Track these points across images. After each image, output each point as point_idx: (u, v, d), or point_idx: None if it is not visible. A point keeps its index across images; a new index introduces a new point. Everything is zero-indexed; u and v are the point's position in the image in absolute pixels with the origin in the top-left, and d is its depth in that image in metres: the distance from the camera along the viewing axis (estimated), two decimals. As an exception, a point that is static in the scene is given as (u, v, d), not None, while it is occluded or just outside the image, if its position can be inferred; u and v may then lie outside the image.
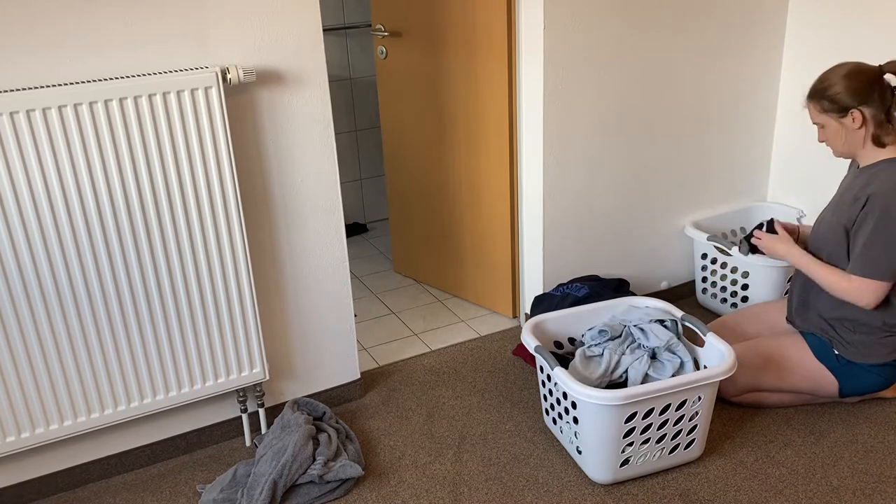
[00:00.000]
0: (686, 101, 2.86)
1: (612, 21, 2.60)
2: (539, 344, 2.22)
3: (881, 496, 2.06)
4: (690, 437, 2.15)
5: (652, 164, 2.89)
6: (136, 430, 2.27)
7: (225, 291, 2.14)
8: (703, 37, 2.79)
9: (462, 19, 2.76)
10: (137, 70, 1.94)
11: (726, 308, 2.95)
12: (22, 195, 1.84)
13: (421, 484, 2.18)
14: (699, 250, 3.03)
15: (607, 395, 1.99)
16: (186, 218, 2.03)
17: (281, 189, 2.23)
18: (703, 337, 2.22)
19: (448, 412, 2.49)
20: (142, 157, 1.93)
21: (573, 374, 2.14)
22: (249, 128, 2.13)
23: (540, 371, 2.30)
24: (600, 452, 2.08)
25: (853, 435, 2.29)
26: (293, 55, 2.12)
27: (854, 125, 2.12)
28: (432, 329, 3.02)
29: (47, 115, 1.81)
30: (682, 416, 2.09)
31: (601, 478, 2.13)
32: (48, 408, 2.04)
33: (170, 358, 2.14)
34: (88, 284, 1.97)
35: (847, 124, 2.13)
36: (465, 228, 3.09)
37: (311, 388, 2.50)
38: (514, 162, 2.80)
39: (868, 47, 2.67)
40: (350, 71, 3.79)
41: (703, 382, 2.05)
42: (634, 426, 2.04)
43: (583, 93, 2.64)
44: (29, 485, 2.17)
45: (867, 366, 2.27)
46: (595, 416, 2.03)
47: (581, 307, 2.43)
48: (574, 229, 2.82)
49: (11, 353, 1.95)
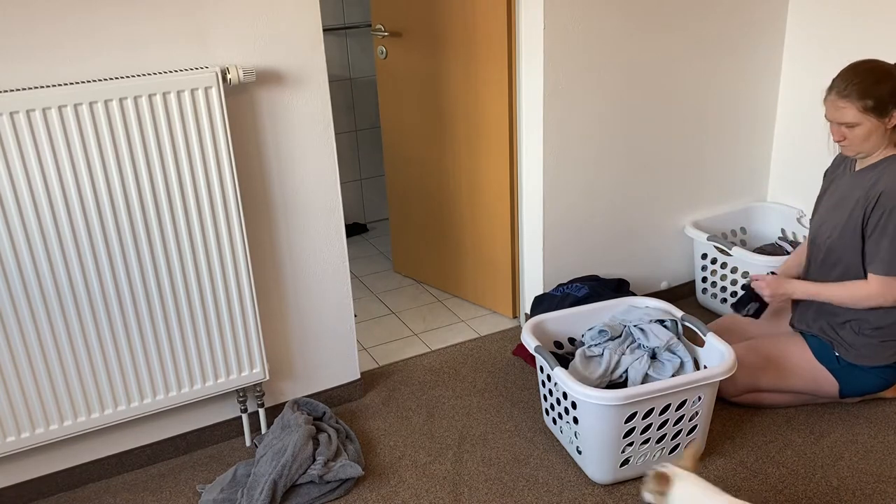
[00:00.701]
0: (686, 101, 2.86)
1: (613, 21, 2.60)
2: (539, 344, 2.22)
3: (881, 496, 2.06)
4: (691, 438, 2.15)
5: (652, 164, 2.89)
6: (136, 430, 2.27)
7: (225, 291, 2.14)
8: (703, 37, 2.79)
9: (462, 19, 2.76)
10: (137, 70, 1.94)
11: (726, 308, 2.95)
12: (22, 195, 1.84)
13: (421, 484, 2.18)
14: (699, 250, 3.03)
15: (607, 395, 1.99)
16: (186, 218, 2.03)
17: (281, 189, 2.23)
18: (703, 337, 2.22)
19: (448, 412, 2.49)
20: (142, 158, 1.94)
21: (573, 374, 2.14)
22: (249, 128, 2.13)
23: (540, 371, 2.30)
24: (600, 452, 2.08)
25: (853, 435, 2.29)
26: (293, 55, 2.12)
27: (889, 125, 2.11)
28: (432, 329, 3.02)
29: (47, 115, 1.81)
30: (682, 416, 2.09)
31: (601, 478, 2.13)
32: (48, 408, 2.04)
33: (170, 358, 2.14)
34: (88, 284, 1.97)
35: (885, 124, 2.10)
36: (465, 228, 3.08)
37: (311, 388, 2.50)
38: (514, 162, 2.80)
39: (868, 47, 2.66)
40: (350, 71, 3.79)
41: (703, 382, 2.05)
42: (634, 426, 2.04)
43: (583, 93, 2.64)
44: (29, 485, 2.17)
45: (868, 367, 2.27)
46: (595, 416, 2.03)
47: (581, 307, 2.43)
48: (574, 229, 2.82)
49: (11, 353, 1.95)
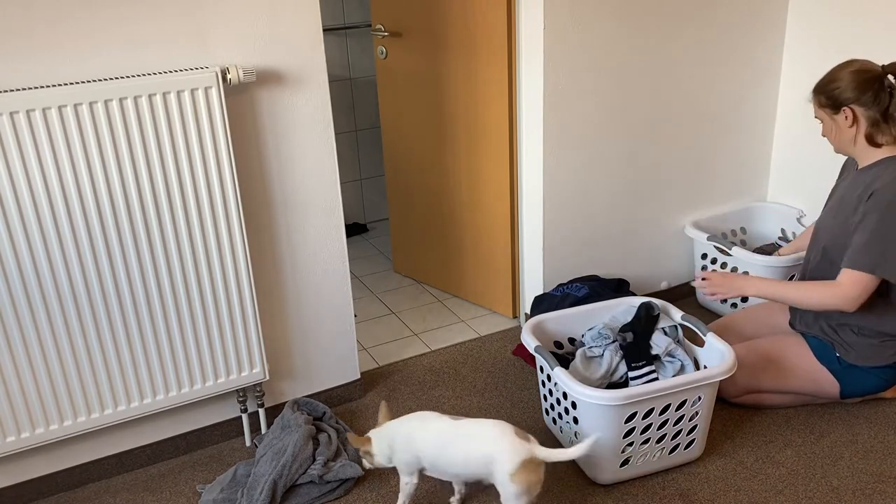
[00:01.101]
0: (686, 101, 2.86)
1: (613, 21, 2.60)
2: (539, 344, 2.22)
3: (881, 496, 2.06)
4: (690, 438, 2.15)
5: (652, 164, 2.89)
6: (136, 430, 2.26)
7: (225, 291, 2.14)
8: (703, 37, 2.79)
9: (462, 19, 2.76)
10: (137, 70, 1.94)
11: (726, 308, 2.95)
12: (22, 195, 1.84)
13: (421, 484, 2.17)
14: (699, 250, 3.03)
15: (608, 396, 1.99)
16: (186, 218, 2.03)
17: (281, 189, 2.23)
18: (703, 337, 2.22)
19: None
20: (142, 158, 1.93)
21: (573, 375, 2.13)
22: (249, 128, 2.13)
23: (540, 371, 2.30)
24: (601, 453, 2.08)
25: (853, 435, 2.29)
26: (293, 55, 2.12)
27: (846, 123, 2.12)
28: (432, 329, 3.02)
29: (47, 115, 1.81)
30: (682, 417, 2.09)
31: (601, 478, 2.13)
32: (48, 408, 2.04)
33: (170, 358, 2.14)
34: (88, 284, 1.97)
35: (839, 121, 2.14)
36: (465, 228, 3.08)
37: (311, 388, 2.50)
38: (514, 162, 2.80)
39: (868, 47, 2.66)
40: (350, 71, 3.79)
41: (704, 382, 2.05)
42: (634, 426, 2.04)
43: (583, 93, 2.64)
44: (29, 485, 2.17)
45: (868, 368, 2.27)
46: (595, 416, 2.03)
47: (581, 307, 2.43)
48: (574, 229, 2.82)
49: (11, 353, 1.95)
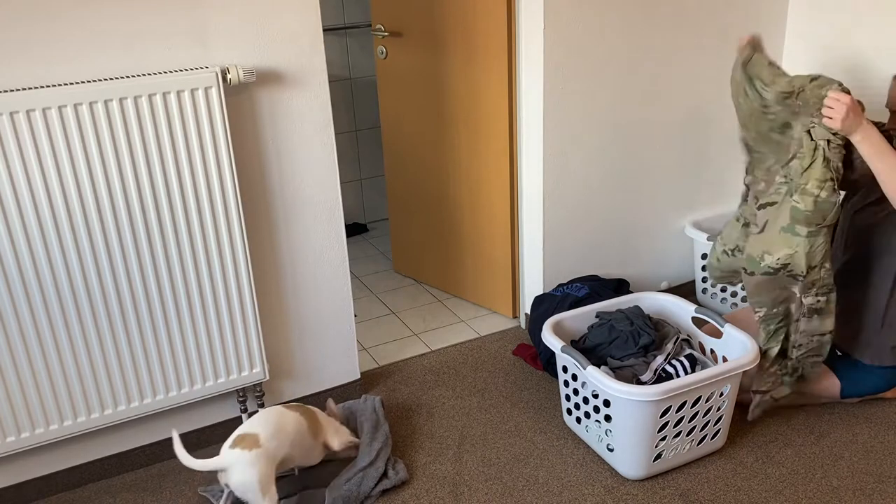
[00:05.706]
0: (686, 101, 2.86)
1: (613, 21, 2.60)
2: (565, 344, 2.22)
3: (881, 496, 2.06)
4: (717, 427, 2.19)
5: (652, 163, 2.89)
6: (136, 430, 2.26)
7: (225, 291, 2.14)
8: (703, 37, 2.79)
9: (462, 19, 2.76)
10: (137, 70, 1.94)
11: (726, 308, 2.95)
12: (22, 195, 1.84)
13: (421, 484, 2.18)
14: (699, 250, 3.03)
15: (648, 391, 2.01)
16: (186, 218, 2.03)
17: (281, 189, 2.23)
18: (721, 328, 2.24)
19: (448, 412, 2.49)
20: (142, 157, 1.94)
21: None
22: (249, 128, 2.13)
23: (563, 371, 2.28)
24: (635, 449, 2.10)
25: (853, 435, 2.29)
26: (293, 55, 2.12)
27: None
28: (432, 329, 3.02)
29: (47, 115, 1.81)
30: (711, 408, 2.13)
31: (635, 473, 2.15)
32: (48, 408, 2.04)
33: (170, 358, 2.14)
34: (88, 284, 1.97)
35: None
36: (465, 228, 3.08)
37: (311, 388, 2.50)
38: (514, 162, 2.80)
39: (868, 47, 2.66)
40: (350, 71, 3.79)
41: (733, 373, 2.10)
42: (668, 420, 2.06)
43: (583, 93, 2.64)
44: (29, 485, 2.17)
45: (871, 367, 2.27)
46: (631, 413, 2.05)
47: (594, 304, 2.45)
48: (574, 229, 2.82)
49: (11, 353, 1.95)
